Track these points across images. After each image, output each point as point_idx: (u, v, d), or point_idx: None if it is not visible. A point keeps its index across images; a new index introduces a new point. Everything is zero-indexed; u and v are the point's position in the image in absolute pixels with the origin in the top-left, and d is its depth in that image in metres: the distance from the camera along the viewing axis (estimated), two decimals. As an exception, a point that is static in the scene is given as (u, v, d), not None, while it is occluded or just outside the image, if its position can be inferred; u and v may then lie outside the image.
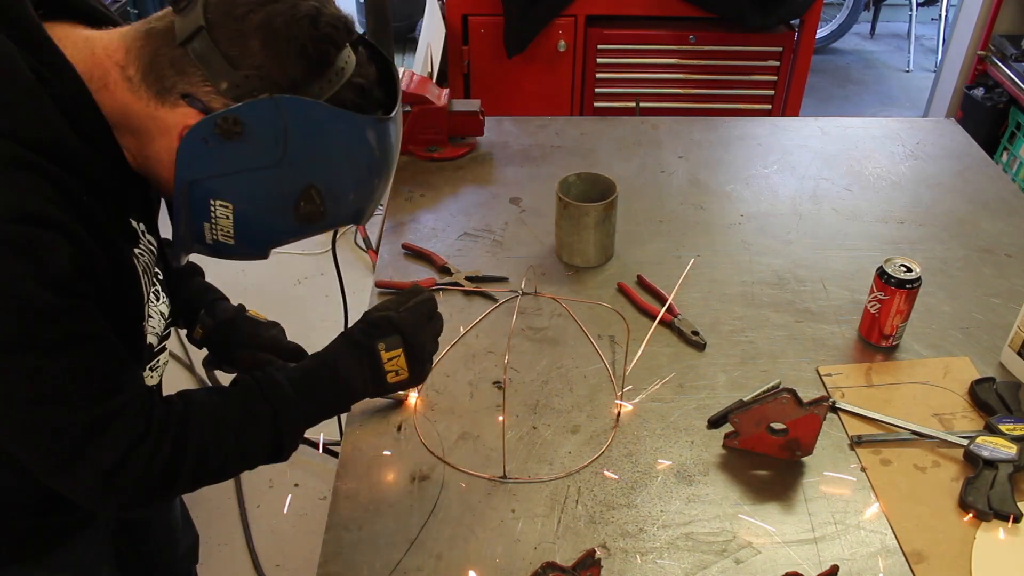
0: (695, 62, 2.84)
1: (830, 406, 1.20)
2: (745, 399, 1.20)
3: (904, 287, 1.27)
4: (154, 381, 1.02)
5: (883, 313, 1.29)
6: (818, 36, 3.87)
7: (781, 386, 1.24)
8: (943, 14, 4.87)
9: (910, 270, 1.28)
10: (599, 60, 2.83)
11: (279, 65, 0.80)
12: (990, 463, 1.10)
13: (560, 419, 1.20)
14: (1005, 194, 1.73)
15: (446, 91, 1.82)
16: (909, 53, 4.99)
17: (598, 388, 1.25)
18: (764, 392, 1.22)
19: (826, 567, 0.98)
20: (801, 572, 0.96)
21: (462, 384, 1.25)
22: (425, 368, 1.03)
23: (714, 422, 1.18)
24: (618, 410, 1.21)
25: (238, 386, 0.94)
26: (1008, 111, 3.09)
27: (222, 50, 0.79)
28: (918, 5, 5.02)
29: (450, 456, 1.14)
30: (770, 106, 2.93)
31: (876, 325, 1.31)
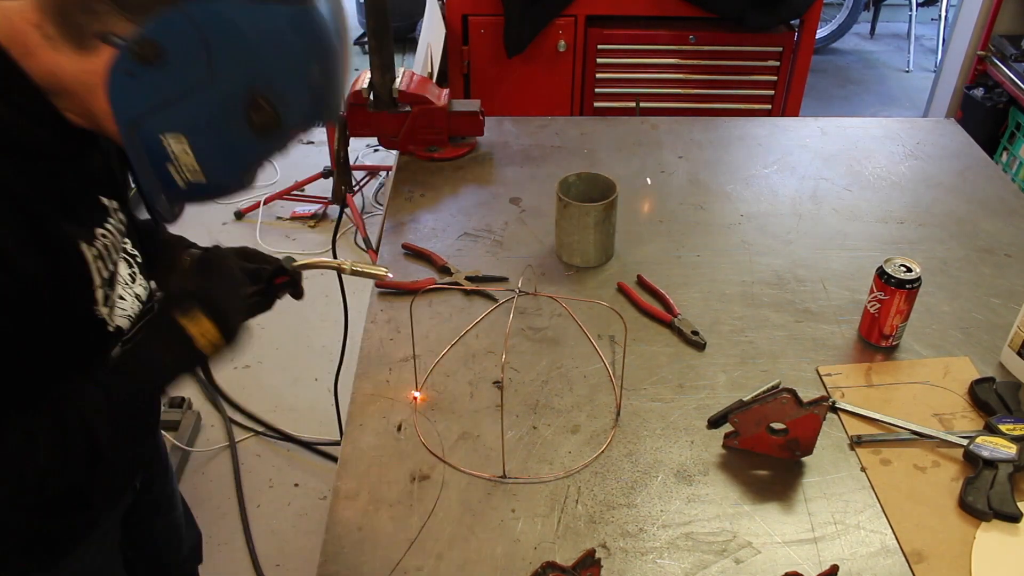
0: (695, 62, 2.83)
1: (830, 406, 1.20)
2: (745, 399, 1.20)
3: (904, 287, 1.27)
4: None
5: (883, 313, 1.29)
6: (818, 36, 3.88)
7: (781, 386, 1.24)
8: (943, 14, 4.88)
9: (910, 270, 1.28)
10: (599, 60, 2.83)
11: None
12: (990, 463, 1.10)
13: (560, 419, 1.20)
14: (1005, 194, 1.73)
15: (446, 91, 1.82)
16: (909, 53, 5.00)
17: (598, 388, 1.25)
18: (764, 392, 1.22)
19: (826, 567, 0.98)
20: (801, 572, 0.96)
21: (462, 384, 1.26)
22: (232, 323, 0.95)
23: (714, 422, 1.18)
24: (618, 410, 1.21)
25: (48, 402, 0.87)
26: (1008, 111, 3.10)
27: None
28: (918, 5, 5.03)
29: (450, 456, 1.14)
30: (770, 106, 2.92)
31: (876, 325, 1.31)
